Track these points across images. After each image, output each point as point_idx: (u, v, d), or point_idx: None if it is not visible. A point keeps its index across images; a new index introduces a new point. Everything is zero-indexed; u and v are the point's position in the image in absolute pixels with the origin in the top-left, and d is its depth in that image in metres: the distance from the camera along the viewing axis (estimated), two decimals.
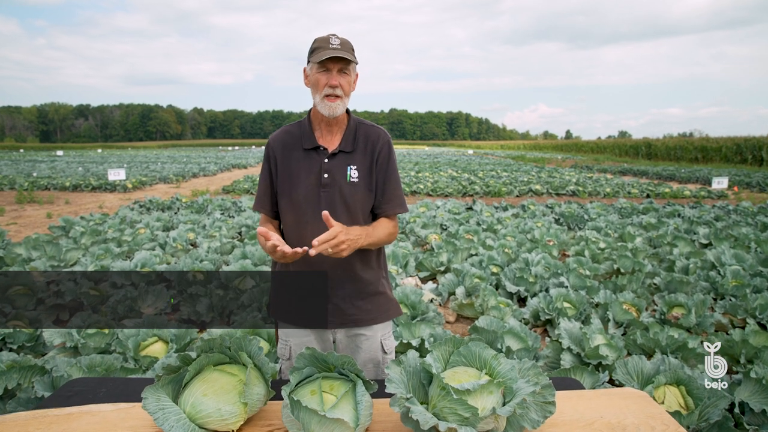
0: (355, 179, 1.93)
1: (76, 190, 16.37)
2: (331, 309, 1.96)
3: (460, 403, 1.40)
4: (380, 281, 2.02)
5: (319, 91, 1.87)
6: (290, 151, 1.96)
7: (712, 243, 7.51)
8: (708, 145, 36.90)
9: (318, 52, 1.83)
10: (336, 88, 1.85)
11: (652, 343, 3.70)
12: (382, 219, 1.99)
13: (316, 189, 1.91)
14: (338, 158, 1.94)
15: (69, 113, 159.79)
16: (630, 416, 1.62)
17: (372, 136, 1.99)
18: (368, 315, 1.96)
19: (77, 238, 7.32)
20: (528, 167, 27.81)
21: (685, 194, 15.20)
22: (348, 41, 1.88)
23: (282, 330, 2.09)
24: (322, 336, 2.03)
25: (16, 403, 2.90)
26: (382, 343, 2.05)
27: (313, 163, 1.94)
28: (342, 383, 1.54)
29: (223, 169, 27.00)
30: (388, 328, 2.09)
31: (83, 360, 3.23)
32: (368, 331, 2.01)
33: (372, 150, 1.97)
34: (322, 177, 1.91)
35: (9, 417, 1.67)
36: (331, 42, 1.83)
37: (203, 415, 1.48)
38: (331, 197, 1.91)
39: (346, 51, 1.82)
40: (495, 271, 5.74)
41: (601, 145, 57.39)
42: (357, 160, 1.94)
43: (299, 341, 2.04)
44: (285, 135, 2.01)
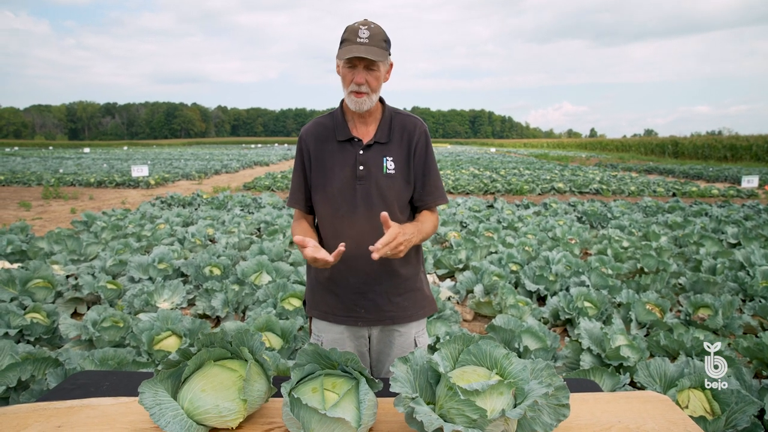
0: (391, 171, 1.86)
1: (101, 186, 16.67)
2: (368, 306, 1.90)
3: (468, 404, 1.32)
4: (418, 276, 1.97)
5: (346, 86, 1.80)
6: (323, 143, 1.90)
7: (741, 243, 7.26)
8: (737, 143, 35.89)
9: (344, 45, 1.74)
10: (362, 86, 1.76)
11: (676, 344, 3.56)
12: (425, 212, 1.93)
13: (352, 182, 1.85)
14: (374, 149, 1.87)
15: (96, 111, 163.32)
16: (650, 421, 1.53)
17: (408, 125, 1.91)
18: (405, 312, 1.91)
19: (98, 232, 7.42)
20: (551, 165, 27.42)
21: (713, 193, 14.78)
22: (379, 31, 1.76)
23: (315, 325, 2.04)
24: (356, 333, 1.97)
25: (29, 395, 2.91)
26: (415, 340, 2.00)
27: (347, 155, 1.87)
28: (345, 381, 1.47)
29: (245, 166, 27.23)
30: (422, 325, 2.04)
31: (96, 353, 3.23)
32: (403, 328, 1.96)
33: (409, 140, 1.89)
34: (358, 169, 1.85)
35: (10, 409, 1.65)
36: (359, 35, 1.72)
37: (201, 411, 1.44)
38: (367, 190, 1.85)
39: (373, 46, 1.72)
40: (514, 270, 5.62)
41: (627, 143, 56.30)
42: (393, 151, 1.88)
43: (332, 337, 1.98)
44: (318, 127, 1.93)
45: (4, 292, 4.72)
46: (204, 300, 4.72)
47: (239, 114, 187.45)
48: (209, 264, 5.47)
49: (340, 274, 1.93)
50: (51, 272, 5.07)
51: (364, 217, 1.87)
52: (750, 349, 3.60)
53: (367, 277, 1.90)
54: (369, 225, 1.87)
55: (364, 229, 1.87)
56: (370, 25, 1.75)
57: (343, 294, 1.94)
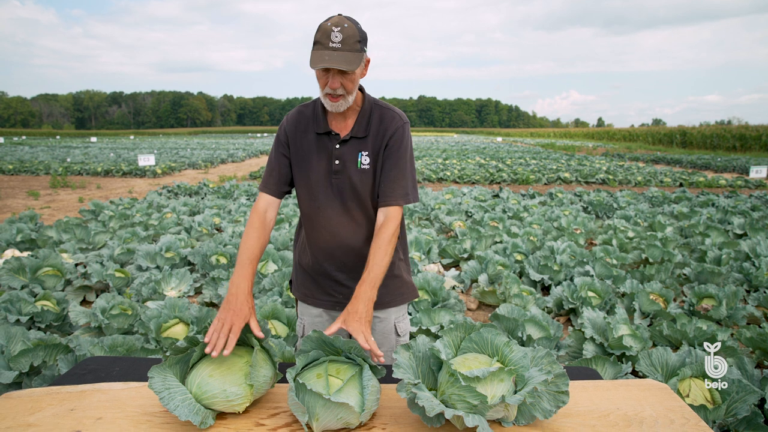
0: (366, 166, 1.84)
1: (108, 176, 16.76)
2: (345, 292, 1.92)
3: (469, 391, 1.35)
4: (397, 263, 1.98)
5: (321, 88, 1.76)
6: (303, 133, 1.89)
7: (747, 233, 7.23)
8: (747, 133, 35.52)
9: (316, 49, 1.67)
10: (336, 89, 1.71)
11: (678, 334, 3.58)
12: (375, 237, 1.79)
13: (327, 175, 1.85)
14: (350, 144, 1.85)
15: (103, 100, 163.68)
16: (648, 408, 1.55)
17: (386, 119, 1.86)
18: (382, 298, 1.89)
19: (106, 221, 7.48)
20: (557, 155, 27.28)
21: (721, 183, 14.68)
22: (353, 32, 1.67)
23: (299, 308, 2.11)
24: (334, 316, 2.00)
25: (41, 380, 2.97)
26: (395, 326, 2.02)
27: (324, 148, 1.86)
28: (349, 367, 1.51)
29: (251, 155, 27.28)
30: (402, 311, 2.06)
31: (105, 340, 3.29)
32: (382, 313, 1.98)
33: (383, 134, 1.85)
34: (333, 163, 1.84)
35: (24, 392, 1.70)
36: (331, 39, 1.64)
37: (209, 396, 1.48)
38: (341, 184, 1.85)
39: (346, 51, 1.65)
40: (519, 259, 5.64)
41: (634, 133, 55.83)
42: (369, 146, 1.85)
43: (312, 320, 2.04)
44: (299, 116, 1.92)
45: (14, 280, 4.80)
46: (211, 288, 4.77)
47: (245, 103, 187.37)
48: (216, 253, 5.52)
49: (317, 262, 1.96)
50: (60, 260, 5.13)
51: (339, 210, 1.88)
52: (753, 339, 3.61)
53: (344, 266, 1.93)
54: (345, 217, 1.89)
55: (340, 221, 1.89)
56: (344, 25, 1.66)
57: (321, 281, 1.99)
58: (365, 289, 1.69)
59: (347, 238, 1.89)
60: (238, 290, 1.67)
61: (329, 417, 1.39)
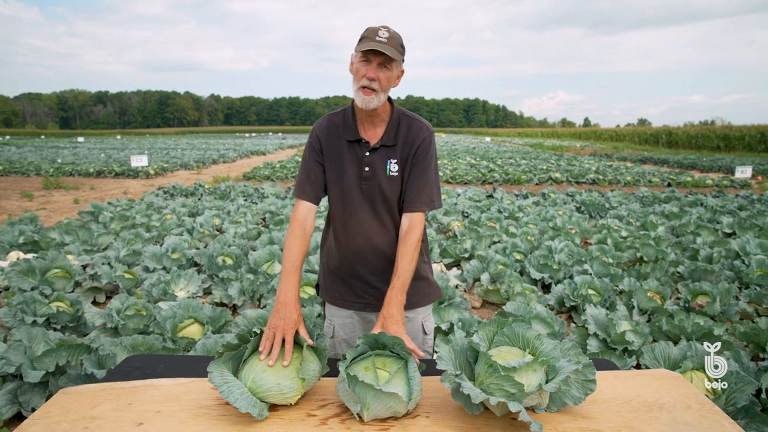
0: (394, 173, 1.95)
1: (100, 176, 16.69)
2: (376, 293, 2.03)
3: (507, 380, 1.48)
4: (422, 266, 2.08)
5: (357, 81, 1.87)
6: (335, 140, 1.99)
7: (736, 232, 7.47)
8: (731, 133, 36.19)
9: (363, 42, 1.83)
10: (373, 81, 1.83)
11: (677, 329, 3.74)
12: (400, 244, 1.92)
13: (358, 181, 1.96)
14: (380, 152, 1.95)
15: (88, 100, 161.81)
16: (665, 395, 1.69)
17: (414, 129, 1.98)
18: (410, 299, 2.00)
19: (107, 223, 7.52)
20: (547, 155, 27.59)
21: (708, 183, 15.01)
22: (397, 36, 1.85)
23: (328, 309, 2.19)
24: (365, 318, 2.12)
25: (67, 379, 3.05)
26: (423, 325, 2.14)
27: (354, 155, 1.96)
28: (393, 360, 1.63)
29: (242, 155, 27.24)
30: (428, 310, 2.18)
31: (125, 340, 3.38)
32: (411, 313, 2.08)
33: (412, 143, 1.96)
34: (363, 170, 1.95)
35: (80, 388, 1.80)
36: (378, 34, 1.81)
37: (264, 389, 1.59)
38: (371, 190, 1.95)
39: (391, 46, 1.80)
40: (519, 258, 5.79)
41: (621, 133, 56.55)
42: (398, 154, 1.96)
43: (343, 322, 2.13)
44: (330, 124, 2.02)
45: (24, 282, 4.85)
46: (220, 289, 4.86)
47: (232, 102, 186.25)
48: (222, 254, 5.61)
49: (349, 265, 2.06)
50: (68, 262, 5.19)
51: (369, 215, 1.98)
52: (747, 333, 3.79)
53: (375, 269, 2.03)
54: (374, 222, 1.99)
55: (370, 226, 1.99)
56: (390, 29, 1.85)
57: (352, 283, 2.08)
58: (396, 293, 1.82)
59: (378, 241, 2.00)
60: (287, 298, 1.78)
61: (379, 406, 1.51)
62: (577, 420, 1.55)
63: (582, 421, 1.54)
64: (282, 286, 1.82)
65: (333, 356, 2.18)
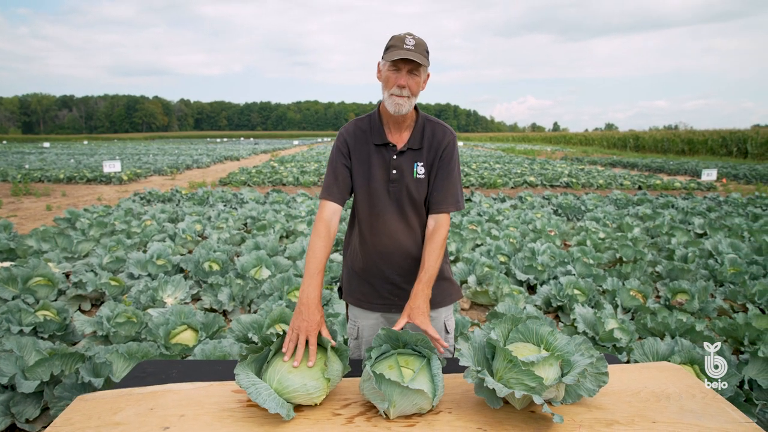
0: (421, 176, 2.02)
1: (71, 182, 16.28)
2: (402, 294, 2.07)
3: (528, 374, 1.54)
4: (444, 267, 2.15)
5: (387, 89, 1.93)
6: (362, 144, 2.04)
7: (707, 233, 7.76)
8: (694, 137, 37.49)
9: (392, 50, 1.88)
10: (403, 89, 1.89)
11: (661, 326, 3.89)
12: (428, 241, 2.01)
13: (385, 183, 2.01)
14: (406, 155, 2.02)
15: (52, 104, 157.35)
16: (671, 386, 1.79)
17: (438, 134, 2.05)
18: (434, 299, 2.06)
19: (85, 230, 7.37)
20: (520, 159, 28.07)
21: (676, 186, 15.52)
22: (423, 43, 1.90)
23: (351, 311, 2.22)
24: (390, 319, 2.16)
25: (63, 389, 3.00)
26: (445, 324, 2.21)
27: (382, 158, 2.02)
28: (416, 358, 1.68)
29: (215, 161, 26.92)
30: (450, 310, 2.24)
31: (121, 348, 3.33)
32: (434, 313, 2.13)
33: (437, 148, 2.04)
34: (391, 173, 2.01)
35: (98, 395, 1.80)
36: (406, 42, 1.86)
37: (290, 390, 1.62)
38: (399, 192, 2.02)
39: (418, 53, 1.86)
40: (503, 260, 5.91)
41: (590, 137, 57.95)
42: (424, 157, 2.03)
43: (368, 323, 2.17)
44: (356, 129, 2.07)
45: (5, 291, 4.73)
46: (210, 294, 4.83)
47: (203, 107, 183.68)
48: (208, 259, 5.57)
49: (375, 266, 2.10)
50: (50, 270, 5.08)
51: (396, 216, 2.05)
52: (725, 329, 3.97)
53: (401, 269, 2.08)
54: (401, 224, 2.06)
55: (397, 227, 2.05)
56: (415, 36, 1.90)
57: (378, 284, 2.12)
58: (422, 287, 1.89)
59: (404, 242, 2.06)
60: (309, 300, 1.81)
61: (406, 403, 1.56)
62: (593, 411, 1.63)
63: (597, 411, 1.62)
64: (305, 287, 1.85)
65: (357, 357, 2.22)
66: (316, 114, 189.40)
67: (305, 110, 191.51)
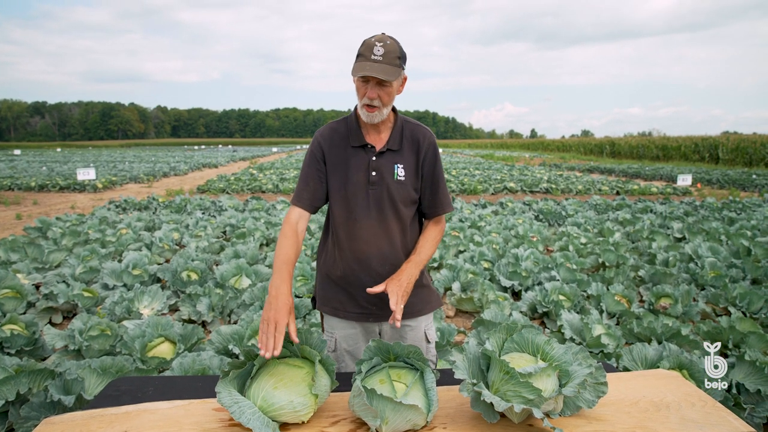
0: (401, 177, 1.96)
1: (43, 191, 15.83)
2: (379, 303, 1.99)
3: (525, 386, 1.47)
4: (424, 275, 2.07)
5: (359, 98, 1.88)
6: (338, 148, 1.97)
7: (686, 237, 7.85)
8: (668, 144, 38.26)
9: (359, 61, 1.80)
10: (374, 100, 1.83)
11: (648, 331, 3.87)
12: (426, 231, 2.04)
13: (365, 186, 1.94)
14: (386, 156, 1.97)
15: (24, 111, 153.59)
16: (669, 394, 1.74)
17: (417, 135, 2.01)
18: (414, 307, 2.00)
19: (57, 239, 7.12)
20: (499, 165, 28.26)
21: (653, 191, 15.75)
22: (394, 48, 1.81)
23: (327, 322, 2.12)
24: (368, 328, 2.07)
25: (30, 408, 2.83)
26: (425, 333, 2.12)
27: (360, 160, 1.96)
28: (408, 372, 1.60)
29: (193, 168, 26.52)
30: (430, 319, 2.16)
31: (94, 362, 3.17)
32: (413, 322, 2.07)
33: (417, 149, 2.00)
34: (371, 175, 1.94)
35: (66, 417, 1.67)
36: (374, 52, 1.77)
37: (276, 408, 1.52)
38: (379, 194, 1.95)
39: (386, 64, 1.77)
40: (487, 267, 5.87)
41: (567, 143, 58.76)
42: (404, 159, 1.98)
43: (345, 333, 2.08)
44: (332, 132, 2.01)
45: None
46: (188, 305, 4.68)
47: (180, 114, 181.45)
48: (186, 269, 5.41)
49: (353, 273, 2.02)
50: (18, 281, 4.88)
51: (376, 221, 1.97)
52: (710, 332, 3.97)
53: (379, 277, 1.99)
54: (380, 228, 1.98)
55: (376, 232, 1.98)
56: (386, 42, 1.80)
57: (355, 292, 2.03)
58: (411, 266, 1.89)
59: (383, 247, 1.98)
60: (278, 291, 1.76)
61: (399, 419, 1.47)
62: (592, 423, 1.56)
63: (597, 424, 1.56)
64: (273, 280, 1.80)
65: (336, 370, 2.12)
66: (295, 121, 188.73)
67: (284, 117, 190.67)
